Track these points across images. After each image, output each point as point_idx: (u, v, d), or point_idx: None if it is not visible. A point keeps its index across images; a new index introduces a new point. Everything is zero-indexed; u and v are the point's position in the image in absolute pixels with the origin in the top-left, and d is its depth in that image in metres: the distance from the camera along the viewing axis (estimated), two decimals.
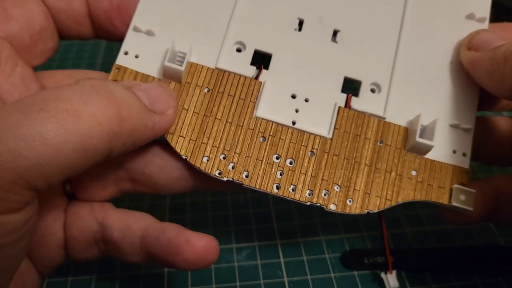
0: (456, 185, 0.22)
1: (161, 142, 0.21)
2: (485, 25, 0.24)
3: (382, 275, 0.25)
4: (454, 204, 0.21)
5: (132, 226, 0.20)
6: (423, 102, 0.23)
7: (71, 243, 0.21)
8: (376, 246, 0.27)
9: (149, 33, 0.22)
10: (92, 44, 0.41)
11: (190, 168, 0.21)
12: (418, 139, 0.21)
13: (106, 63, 0.40)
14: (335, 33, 0.23)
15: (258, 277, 0.26)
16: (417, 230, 0.29)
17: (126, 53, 0.22)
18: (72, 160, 0.16)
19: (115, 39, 0.23)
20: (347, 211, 0.21)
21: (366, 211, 0.21)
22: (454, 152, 0.22)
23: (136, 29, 0.22)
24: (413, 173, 0.22)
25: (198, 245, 0.19)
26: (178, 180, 0.21)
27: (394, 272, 0.24)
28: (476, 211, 0.22)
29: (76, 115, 0.16)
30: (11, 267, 0.17)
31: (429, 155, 0.22)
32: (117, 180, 0.21)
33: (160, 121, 0.19)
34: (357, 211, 0.21)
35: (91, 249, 0.21)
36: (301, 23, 0.23)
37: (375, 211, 0.21)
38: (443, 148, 0.22)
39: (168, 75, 0.21)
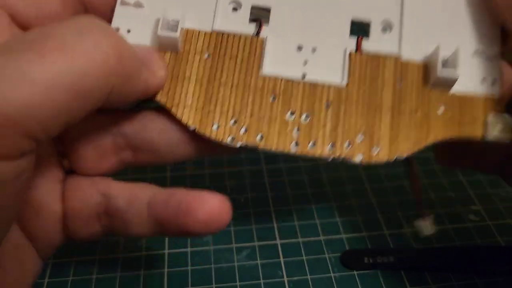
0: (491, 116, 0.20)
1: (156, 108, 0.20)
2: None
3: (416, 222, 0.23)
4: (490, 137, 0.20)
5: (138, 194, 0.19)
6: (440, 32, 0.21)
7: (71, 216, 0.20)
8: (376, 246, 0.28)
9: (138, 4, 0.21)
10: None
11: (190, 131, 0.20)
12: (440, 72, 0.20)
13: None
14: None
15: (258, 277, 0.26)
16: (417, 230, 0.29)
17: (117, 30, 0.21)
18: (66, 102, 0.14)
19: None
20: (374, 160, 0.19)
21: (394, 157, 0.20)
22: (483, 80, 0.21)
23: (123, 3, 0.21)
24: (441, 110, 0.20)
25: (212, 202, 0.18)
26: (179, 143, 0.20)
27: (432, 217, 0.22)
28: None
29: (67, 53, 0.14)
30: None
31: (455, 88, 0.20)
32: (117, 148, 0.20)
33: (152, 77, 0.19)
34: (385, 158, 0.19)
35: (93, 224, 0.20)
36: None
37: (405, 156, 0.20)
38: (469, 78, 0.20)
39: (164, 45, 0.20)
